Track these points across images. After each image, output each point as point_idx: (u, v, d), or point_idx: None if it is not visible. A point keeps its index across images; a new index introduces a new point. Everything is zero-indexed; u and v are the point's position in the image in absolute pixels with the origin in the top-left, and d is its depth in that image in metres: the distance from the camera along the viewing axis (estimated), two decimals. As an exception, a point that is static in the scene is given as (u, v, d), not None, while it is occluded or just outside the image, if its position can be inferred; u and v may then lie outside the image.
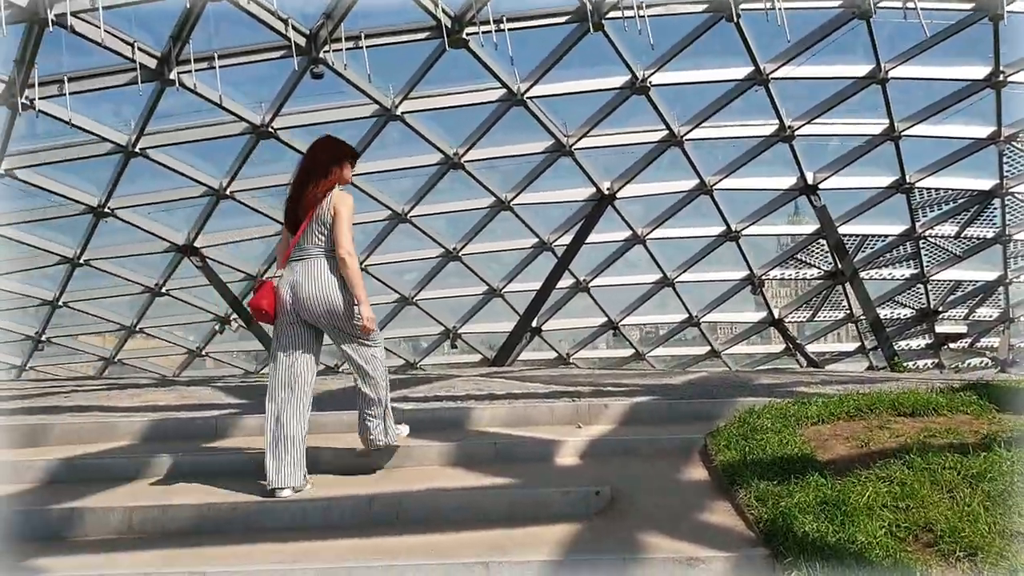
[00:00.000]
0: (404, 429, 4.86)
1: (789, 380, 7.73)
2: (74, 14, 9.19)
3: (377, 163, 12.97)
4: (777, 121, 12.66)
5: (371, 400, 4.63)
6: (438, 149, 12.55)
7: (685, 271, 16.02)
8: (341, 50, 10.37)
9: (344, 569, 3.56)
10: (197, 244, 14.13)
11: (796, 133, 12.84)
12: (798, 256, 16.38)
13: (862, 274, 15.97)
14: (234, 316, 16.20)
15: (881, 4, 10.66)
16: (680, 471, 4.61)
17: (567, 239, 14.86)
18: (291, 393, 4.47)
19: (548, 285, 15.23)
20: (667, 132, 12.72)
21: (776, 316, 17.70)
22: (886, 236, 15.76)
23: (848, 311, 17.44)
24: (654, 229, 14.94)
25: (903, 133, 12.93)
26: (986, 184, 14.63)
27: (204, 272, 14.53)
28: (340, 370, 17.21)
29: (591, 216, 14.27)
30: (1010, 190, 14.60)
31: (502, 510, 4.12)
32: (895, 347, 16.98)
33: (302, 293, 4.49)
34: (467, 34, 10.46)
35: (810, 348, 18.92)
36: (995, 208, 15.30)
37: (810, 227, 15.71)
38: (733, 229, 14.96)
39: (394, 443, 4.74)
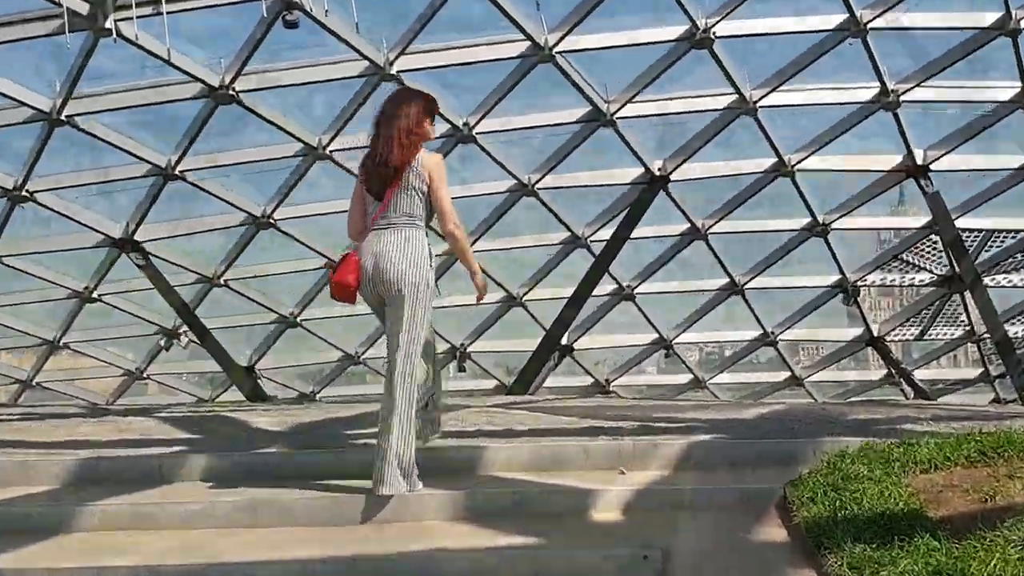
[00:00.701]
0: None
1: (892, 415, 7.70)
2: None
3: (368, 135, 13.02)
4: (878, 83, 12.59)
5: (395, 413, 4.96)
6: (444, 119, 12.58)
7: (758, 275, 15.95)
8: (322, -9, 10.43)
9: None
10: (138, 237, 14.21)
11: (902, 99, 12.75)
12: (903, 257, 16.27)
13: (986, 280, 15.86)
14: (184, 329, 16.29)
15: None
16: (751, 530, 4.61)
17: (606, 233, 14.86)
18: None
19: (582, 292, 15.22)
20: (736, 97, 12.67)
21: (875, 333, 17.59)
22: (1017, 232, 15.64)
23: (968, 328, 17.31)
24: (719, 221, 14.89)
25: (1042, 99, 12.84)
26: None
27: (147, 273, 14.62)
28: (318, 398, 17.29)
29: (638, 204, 14.25)
30: None
31: (524, 578, 4.13)
32: (1029, 374, 16.82)
33: (383, 262, 5.06)
34: (481, -29, 10.51)
35: (918, 375, 18.79)
36: None
37: (919, 219, 15.61)
38: (820, 221, 14.88)
39: (410, 492, 4.85)
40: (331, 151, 12.72)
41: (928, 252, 16.12)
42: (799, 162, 13.83)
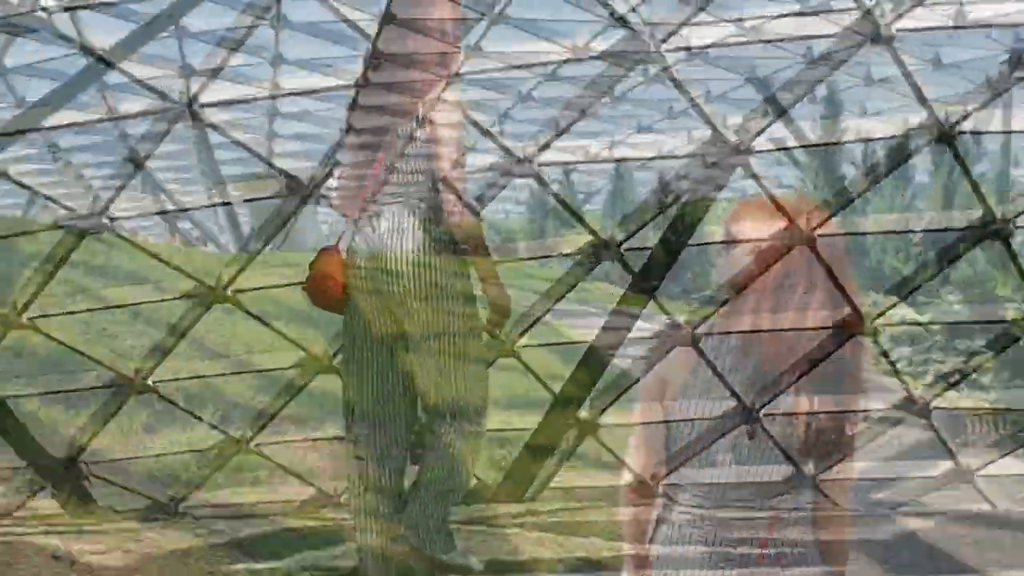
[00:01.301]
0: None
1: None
2: None
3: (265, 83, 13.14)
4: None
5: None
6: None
7: (893, 306, 16.09)
8: None
9: None
10: None
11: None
12: None
13: None
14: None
15: None
16: None
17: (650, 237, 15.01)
18: (374, 429, 5.46)
19: (612, 333, 15.35)
20: (860, 16, 12.85)
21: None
22: None
23: None
24: (829, 216, 15.03)
25: None
26: None
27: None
28: (182, 509, 17.31)
29: (700, 190, 14.43)
30: None
31: None
32: None
33: (381, 259, 5.38)
34: None
35: None
36: None
37: None
38: (999, 216, 15.05)
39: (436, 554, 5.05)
40: (203, 105, 12.84)
41: None
42: (962, 119, 14.00)
